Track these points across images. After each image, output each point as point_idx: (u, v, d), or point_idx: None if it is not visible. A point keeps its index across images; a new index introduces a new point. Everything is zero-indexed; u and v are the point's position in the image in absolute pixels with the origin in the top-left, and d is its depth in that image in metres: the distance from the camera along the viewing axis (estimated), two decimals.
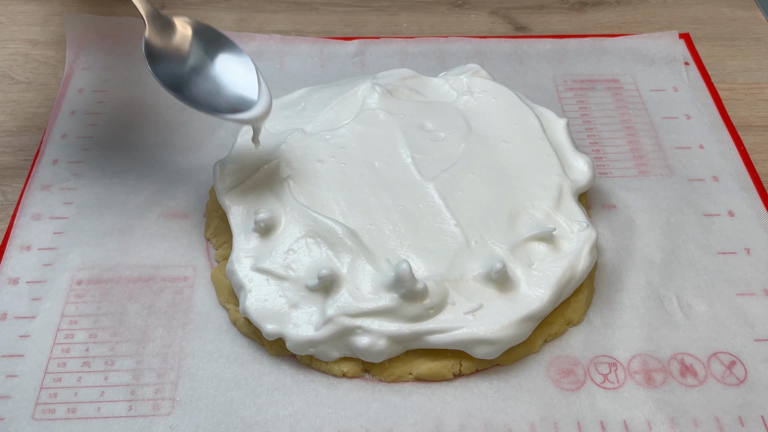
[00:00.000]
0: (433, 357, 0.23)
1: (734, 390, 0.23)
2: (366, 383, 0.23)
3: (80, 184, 0.28)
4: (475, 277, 0.23)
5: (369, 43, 0.34)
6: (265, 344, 0.24)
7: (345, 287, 0.23)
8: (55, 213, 0.27)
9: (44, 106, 0.32)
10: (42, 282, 0.25)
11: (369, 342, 0.22)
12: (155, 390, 0.23)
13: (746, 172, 0.30)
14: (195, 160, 0.30)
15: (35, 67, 0.34)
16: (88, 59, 0.33)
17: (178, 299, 0.25)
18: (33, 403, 0.22)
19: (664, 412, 0.22)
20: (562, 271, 0.24)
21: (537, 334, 0.24)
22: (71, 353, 0.23)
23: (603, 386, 0.23)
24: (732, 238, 0.27)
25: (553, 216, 0.25)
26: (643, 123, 0.32)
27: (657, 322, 0.25)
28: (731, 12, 0.38)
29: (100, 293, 0.25)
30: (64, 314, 0.24)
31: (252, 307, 0.23)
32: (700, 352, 0.24)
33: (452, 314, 0.23)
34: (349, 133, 0.28)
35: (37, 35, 0.35)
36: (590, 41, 0.35)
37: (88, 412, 0.22)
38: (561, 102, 0.33)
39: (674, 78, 0.34)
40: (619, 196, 0.29)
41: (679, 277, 0.26)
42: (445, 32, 0.36)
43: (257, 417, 0.22)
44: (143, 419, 0.22)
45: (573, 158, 0.28)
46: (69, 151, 0.30)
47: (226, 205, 0.26)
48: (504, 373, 0.23)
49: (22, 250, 0.26)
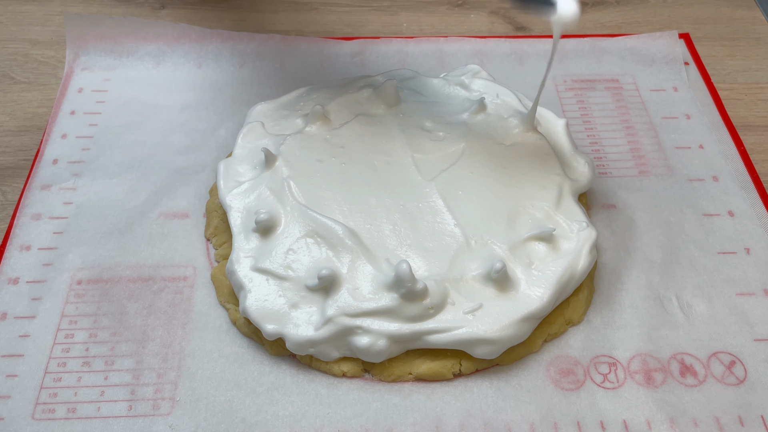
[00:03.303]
0: (433, 357, 0.23)
1: (734, 390, 0.23)
2: (366, 383, 0.23)
3: (80, 184, 0.28)
4: (475, 277, 0.23)
5: (369, 43, 0.34)
6: (265, 344, 0.24)
7: (345, 287, 0.23)
8: (55, 213, 0.27)
9: (44, 106, 0.32)
10: (42, 282, 0.25)
11: (369, 342, 0.22)
12: (155, 390, 0.23)
13: (746, 172, 0.30)
14: (195, 159, 0.30)
15: (35, 67, 0.34)
16: (88, 59, 0.33)
17: (178, 299, 0.25)
18: (33, 403, 0.22)
19: (664, 412, 0.22)
20: (562, 271, 0.24)
21: (537, 334, 0.24)
22: (71, 353, 0.23)
23: (603, 386, 0.23)
24: (732, 238, 0.27)
25: (553, 216, 0.25)
26: (643, 123, 0.32)
27: (657, 321, 0.25)
28: (731, 12, 0.38)
29: (100, 293, 0.25)
30: (64, 314, 0.24)
31: (252, 307, 0.23)
32: (700, 351, 0.24)
33: (452, 314, 0.23)
34: (349, 133, 0.28)
35: (37, 35, 0.35)
36: (590, 41, 0.35)
37: (88, 412, 0.22)
38: (561, 102, 0.33)
39: (674, 78, 0.34)
40: (619, 196, 0.29)
41: (678, 276, 0.26)
42: (444, 32, 0.36)
43: (257, 417, 0.22)
44: (143, 419, 0.22)
45: (573, 158, 0.28)
46: (69, 151, 0.30)
47: (226, 205, 0.26)
48: (504, 373, 0.23)
49: (21, 250, 0.26)
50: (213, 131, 0.31)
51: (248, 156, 0.27)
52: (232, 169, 0.27)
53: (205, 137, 0.31)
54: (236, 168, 0.27)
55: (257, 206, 0.25)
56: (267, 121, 0.29)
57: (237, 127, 0.31)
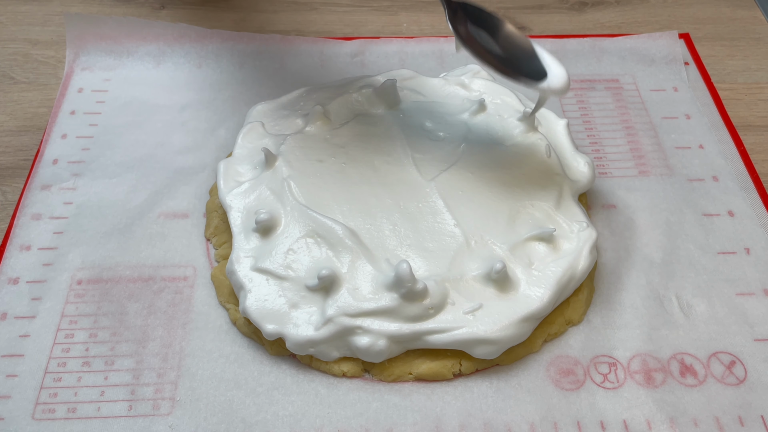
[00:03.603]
0: (432, 357, 0.23)
1: (734, 390, 0.23)
2: (366, 383, 0.23)
3: (80, 184, 0.28)
4: (475, 277, 0.23)
5: (369, 43, 0.34)
6: (265, 344, 0.24)
7: (345, 287, 0.23)
8: (55, 213, 0.27)
9: (44, 106, 0.32)
10: (42, 282, 0.25)
11: (369, 342, 0.22)
12: (155, 390, 0.23)
13: (746, 172, 0.30)
14: (195, 159, 0.30)
15: (35, 67, 0.34)
16: (88, 59, 0.33)
17: (178, 299, 0.25)
18: (33, 403, 0.22)
19: (664, 412, 0.22)
20: (562, 271, 0.24)
21: (537, 334, 0.24)
22: (71, 353, 0.23)
23: (603, 386, 0.23)
24: (732, 238, 0.27)
25: (553, 216, 0.25)
26: (642, 123, 0.32)
27: (657, 321, 0.25)
28: (731, 12, 0.38)
29: (100, 293, 0.25)
30: (64, 314, 0.24)
31: (252, 307, 0.23)
32: (700, 351, 0.24)
33: (452, 314, 0.23)
34: (349, 132, 0.28)
35: (37, 35, 0.35)
36: (590, 41, 0.35)
37: (88, 412, 0.22)
38: (561, 102, 0.33)
39: (674, 78, 0.34)
40: (619, 196, 0.29)
41: (678, 276, 0.26)
42: (445, 32, 0.36)
43: (257, 417, 0.22)
44: (143, 419, 0.22)
45: (573, 158, 0.28)
46: (69, 151, 0.30)
47: (227, 205, 0.26)
48: (504, 373, 0.23)
49: (22, 250, 0.26)
50: (213, 131, 0.31)
51: (248, 156, 0.27)
52: (232, 169, 0.27)
53: (205, 137, 0.31)
54: (236, 168, 0.27)
55: (257, 206, 0.25)
56: (267, 121, 0.29)
57: (237, 127, 0.31)
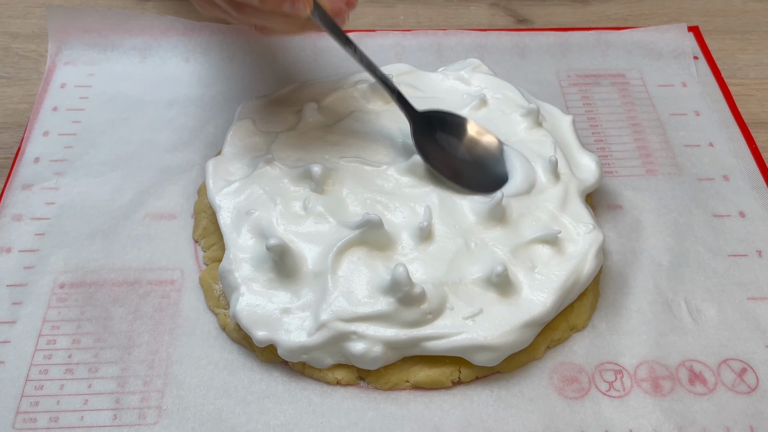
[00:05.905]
0: (431, 364, 0.22)
1: (745, 398, 0.22)
2: (361, 391, 0.23)
3: (63, 184, 0.28)
4: (475, 281, 0.23)
5: (364, 36, 0.34)
6: (256, 350, 0.23)
7: (339, 290, 0.22)
8: (37, 213, 0.27)
9: (25, 102, 0.31)
10: (23, 285, 0.25)
11: (364, 348, 0.22)
12: (141, 398, 0.22)
13: (758, 171, 0.29)
14: (183, 158, 0.29)
15: (16, 62, 0.33)
16: (71, 53, 0.32)
17: (164, 303, 0.24)
18: (13, 412, 0.22)
19: (672, 422, 0.22)
20: (566, 275, 0.23)
21: (539, 340, 0.23)
22: (53, 360, 0.23)
23: (608, 394, 0.22)
24: (743, 240, 0.27)
25: (558, 217, 0.25)
26: (650, 120, 0.31)
27: (665, 327, 0.24)
28: (742, 4, 0.37)
29: (84, 297, 0.24)
30: (46, 319, 0.24)
31: (243, 311, 0.22)
32: (710, 358, 0.23)
33: (451, 319, 0.22)
34: (343, 130, 0.27)
35: (18, 28, 0.35)
36: (595, 34, 0.34)
37: (70, 422, 0.22)
38: (564, 98, 0.32)
39: (683, 73, 0.33)
40: (626, 196, 0.28)
41: (687, 280, 0.25)
42: (443, 25, 0.36)
43: (247, 426, 0.22)
44: (128, 429, 0.21)
45: (580, 156, 0.27)
46: (51, 149, 0.29)
47: (216, 205, 0.25)
48: (505, 381, 0.23)
49: (2, 252, 0.26)
50: (201, 128, 0.30)
51: (238, 154, 0.27)
52: (222, 167, 0.26)
53: (193, 135, 0.30)
54: (226, 167, 0.27)
55: (248, 206, 0.25)
56: (258, 117, 0.29)
57: (226, 124, 0.30)
